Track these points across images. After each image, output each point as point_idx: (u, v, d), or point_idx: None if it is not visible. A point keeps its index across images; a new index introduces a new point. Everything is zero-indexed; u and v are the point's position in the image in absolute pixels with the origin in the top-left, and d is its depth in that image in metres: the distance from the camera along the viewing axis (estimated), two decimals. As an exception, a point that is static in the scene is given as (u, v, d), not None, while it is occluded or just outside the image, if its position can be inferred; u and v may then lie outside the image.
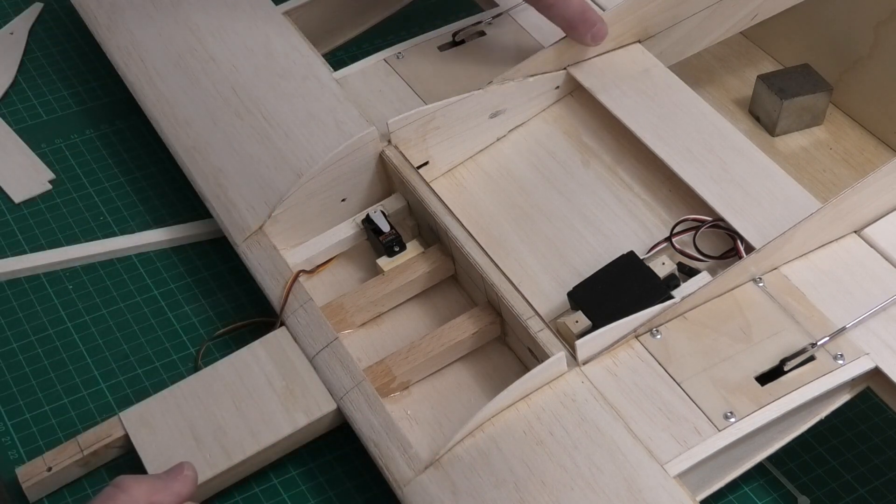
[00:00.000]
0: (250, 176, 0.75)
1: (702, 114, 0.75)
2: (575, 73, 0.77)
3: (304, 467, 0.69)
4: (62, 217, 0.83)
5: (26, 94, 0.93)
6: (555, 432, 0.61)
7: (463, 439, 0.62)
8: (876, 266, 0.67)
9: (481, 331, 0.69)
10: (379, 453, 0.63)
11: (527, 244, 0.70)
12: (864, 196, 0.67)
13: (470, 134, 0.75)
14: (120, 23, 0.87)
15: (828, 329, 0.64)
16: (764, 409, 0.61)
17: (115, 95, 0.93)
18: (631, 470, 0.59)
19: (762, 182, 0.70)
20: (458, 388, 0.69)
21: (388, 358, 0.68)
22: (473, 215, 0.72)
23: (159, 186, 0.86)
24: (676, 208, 0.71)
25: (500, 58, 0.81)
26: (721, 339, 0.64)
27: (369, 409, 0.65)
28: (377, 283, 0.72)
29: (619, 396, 0.62)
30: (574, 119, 0.77)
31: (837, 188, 0.79)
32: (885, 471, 0.70)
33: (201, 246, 0.82)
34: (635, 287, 0.65)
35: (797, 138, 0.85)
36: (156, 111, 0.82)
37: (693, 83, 0.80)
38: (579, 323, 0.64)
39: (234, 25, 0.83)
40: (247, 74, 0.80)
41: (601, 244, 0.70)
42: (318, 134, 0.75)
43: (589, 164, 0.75)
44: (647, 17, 0.78)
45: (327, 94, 0.78)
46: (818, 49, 0.86)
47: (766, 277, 0.67)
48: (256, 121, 0.78)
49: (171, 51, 0.84)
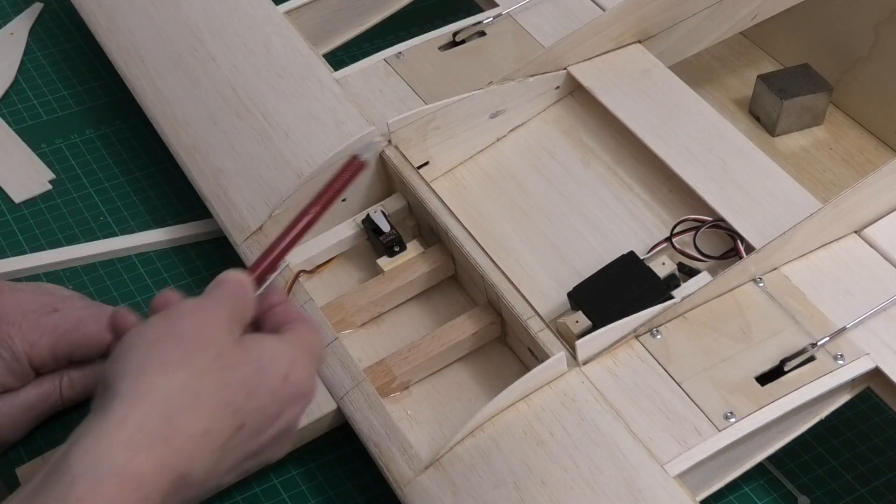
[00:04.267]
0: (250, 176, 0.75)
1: (702, 114, 0.75)
2: (575, 73, 0.77)
3: (304, 467, 0.69)
4: (62, 217, 0.83)
5: (26, 94, 0.93)
6: (555, 432, 0.61)
7: (463, 439, 0.62)
8: (876, 266, 0.67)
9: (481, 331, 0.69)
10: (379, 453, 0.63)
11: (527, 244, 0.70)
12: (864, 196, 0.67)
13: (470, 134, 0.75)
14: (120, 23, 0.87)
15: (828, 329, 0.64)
16: (764, 409, 0.61)
17: (115, 95, 0.93)
18: (631, 470, 0.59)
19: (762, 182, 0.70)
20: (458, 388, 0.69)
21: (388, 358, 0.68)
22: (473, 215, 0.72)
23: (159, 186, 0.86)
24: (676, 208, 0.71)
25: (500, 58, 0.81)
26: (721, 340, 0.64)
27: (369, 409, 0.65)
28: (377, 283, 0.72)
29: (619, 396, 0.62)
30: (574, 119, 0.77)
31: (837, 188, 0.79)
32: (885, 471, 0.70)
33: (201, 246, 0.82)
34: (635, 287, 0.65)
35: (797, 138, 0.85)
36: (156, 111, 0.82)
37: (693, 83, 0.80)
38: (579, 323, 0.64)
39: (234, 25, 0.83)
40: (247, 74, 0.80)
41: (601, 244, 0.70)
42: (318, 134, 0.75)
43: (589, 164, 0.75)
44: (647, 17, 0.78)
45: (327, 94, 0.78)
46: (818, 49, 0.86)
47: (767, 277, 0.67)
48: (256, 121, 0.78)
49: (171, 51, 0.84)
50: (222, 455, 0.53)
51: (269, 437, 0.56)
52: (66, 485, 0.47)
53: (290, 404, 0.56)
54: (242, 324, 0.57)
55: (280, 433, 0.56)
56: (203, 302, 0.56)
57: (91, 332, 0.60)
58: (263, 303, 0.59)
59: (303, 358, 0.57)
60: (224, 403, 0.53)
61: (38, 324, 0.59)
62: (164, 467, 0.49)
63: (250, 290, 0.58)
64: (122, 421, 0.49)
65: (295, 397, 0.56)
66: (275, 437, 0.56)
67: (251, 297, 0.58)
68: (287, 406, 0.56)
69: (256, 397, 0.54)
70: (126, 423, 0.49)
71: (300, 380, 0.56)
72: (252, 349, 0.55)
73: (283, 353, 0.56)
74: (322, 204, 0.62)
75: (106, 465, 0.48)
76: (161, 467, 0.49)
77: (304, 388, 0.57)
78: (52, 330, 0.59)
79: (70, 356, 0.60)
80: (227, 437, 0.53)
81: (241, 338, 0.56)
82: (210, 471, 0.53)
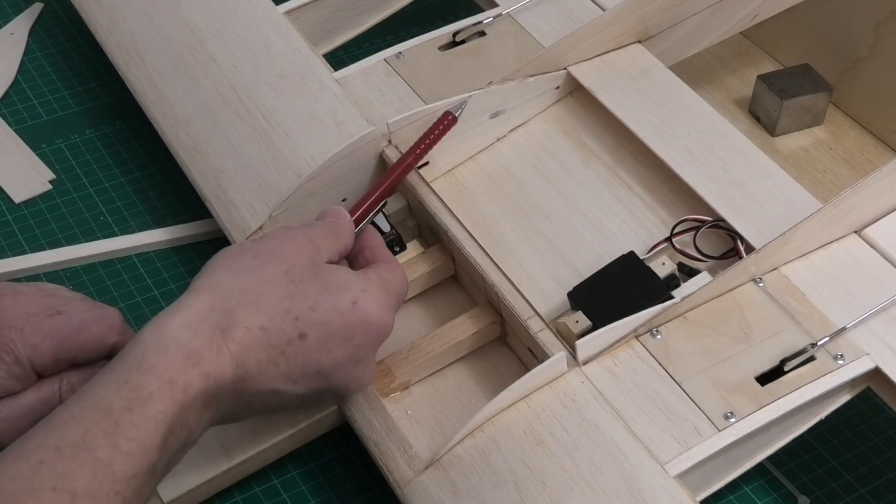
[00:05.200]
0: (250, 176, 0.75)
1: (702, 114, 0.75)
2: (575, 73, 0.77)
3: (304, 467, 0.69)
4: (62, 217, 0.83)
5: (26, 94, 0.93)
6: (555, 432, 0.61)
7: (463, 439, 0.62)
8: (876, 266, 0.67)
9: (481, 331, 0.69)
10: (379, 453, 0.63)
11: (527, 244, 0.70)
12: (864, 196, 0.67)
13: (470, 134, 0.75)
14: (120, 23, 0.87)
15: (828, 329, 0.64)
16: (764, 409, 0.61)
17: (115, 95, 0.93)
18: (631, 470, 0.59)
19: (762, 182, 0.70)
20: (458, 388, 0.69)
21: (388, 358, 0.68)
22: (473, 215, 0.72)
23: (159, 186, 0.86)
24: (676, 208, 0.71)
25: (500, 58, 0.81)
26: (721, 340, 0.64)
27: (369, 409, 0.65)
28: (377, 283, 0.72)
29: (620, 396, 0.62)
30: (574, 119, 0.77)
31: (837, 188, 0.79)
32: (885, 471, 0.70)
33: (201, 246, 0.82)
34: (635, 287, 0.65)
35: (797, 138, 0.85)
36: (156, 111, 0.82)
37: (693, 83, 0.80)
38: (579, 323, 0.64)
39: (235, 25, 0.83)
40: (247, 74, 0.80)
41: (601, 244, 0.70)
42: (318, 134, 0.75)
43: (589, 164, 0.75)
44: (647, 17, 0.78)
45: (327, 94, 0.78)
46: (818, 49, 0.86)
47: (767, 277, 0.67)
48: (256, 121, 0.78)
49: (171, 51, 0.84)
50: (282, 358, 0.58)
51: (338, 359, 0.60)
52: (138, 355, 0.54)
53: (360, 330, 0.60)
54: (332, 254, 0.63)
55: (351, 358, 0.60)
56: (293, 228, 0.63)
57: (94, 335, 0.60)
58: (360, 242, 0.66)
59: (376, 290, 0.61)
60: (285, 309, 0.58)
61: (40, 327, 0.60)
62: (220, 351, 0.55)
63: (348, 225, 0.65)
64: (188, 307, 0.56)
65: (365, 324, 0.60)
66: (346, 362, 0.60)
67: (347, 233, 0.65)
68: (356, 331, 0.60)
69: (320, 312, 0.59)
70: (191, 309, 0.56)
71: (370, 308, 0.60)
72: (324, 273, 0.60)
73: (355, 282, 0.61)
74: (416, 155, 0.71)
75: (171, 341, 0.54)
76: (218, 350, 0.55)
77: (375, 316, 0.61)
78: (55, 333, 0.60)
79: (73, 359, 0.61)
80: (287, 340, 0.58)
81: (319, 264, 0.61)
82: (266, 368, 0.57)
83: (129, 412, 0.52)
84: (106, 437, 0.51)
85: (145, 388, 0.53)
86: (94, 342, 0.61)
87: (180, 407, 0.53)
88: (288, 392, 0.59)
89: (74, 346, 0.60)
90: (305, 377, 0.59)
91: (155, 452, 0.52)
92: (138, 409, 0.52)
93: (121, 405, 0.52)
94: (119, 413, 0.52)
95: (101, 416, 0.52)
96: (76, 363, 0.61)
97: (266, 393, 0.58)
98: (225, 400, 0.57)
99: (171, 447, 0.54)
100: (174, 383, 0.53)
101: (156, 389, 0.53)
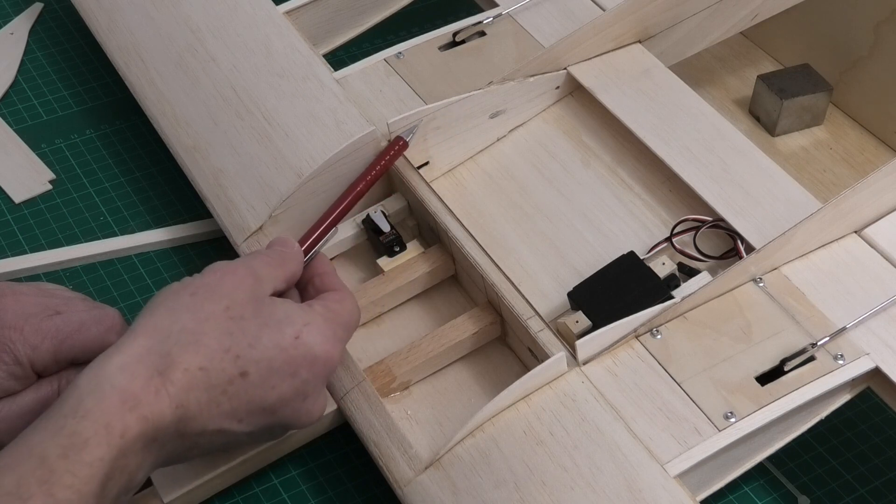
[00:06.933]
0: (250, 176, 0.75)
1: (702, 114, 0.75)
2: (575, 73, 0.77)
3: (304, 467, 0.69)
4: (62, 217, 0.83)
5: (26, 94, 0.93)
6: (555, 432, 0.61)
7: (463, 439, 0.62)
8: (876, 266, 0.67)
9: (481, 331, 0.69)
10: (379, 453, 0.63)
11: (527, 244, 0.70)
12: (864, 196, 0.67)
13: (470, 134, 0.75)
14: (120, 23, 0.87)
15: (828, 329, 0.64)
16: (764, 409, 0.61)
17: (115, 95, 0.93)
18: (631, 470, 0.59)
19: (762, 182, 0.70)
20: (458, 388, 0.69)
21: (388, 358, 0.68)
22: (473, 215, 0.72)
23: (159, 186, 0.86)
24: (676, 208, 0.71)
25: (500, 58, 0.81)
26: (721, 339, 0.64)
27: (369, 409, 0.65)
28: (377, 283, 0.72)
29: (620, 396, 0.62)
30: (574, 119, 0.77)
31: (837, 188, 0.79)
32: (885, 471, 0.70)
33: (201, 246, 0.82)
34: (635, 287, 0.65)
35: (797, 138, 0.85)
36: (156, 111, 0.82)
37: (693, 83, 0.80)
38: (579, 323, 0.64)
39: (235, 25, 0.83)
40: (247, 74, 0.80)
41: (601, 244, 0.70)
42: (318, 134, 0.75)
43: (589, 164, 0.75)
44: (648, 17, 0.78)
45: (327, 94, 0.78)
46: (818, 49, 0.86)
47: (767, 277, 0.67)
48: (256, 121, 0.78)
49: (171, 51, 0.84)
50: (224, 397, 0.56)
51: (284, 394, 0.58)
52: (74, 400, 0.53)
53: (305, 365, 0.58)
54: (278, 282, 0.61)
55: (298, 392, 0.59)
56: (234, 262, 0.61)
57: (94, 336, 0.60)
58: (310, 269, 0.65)
59: (320, 322, 0.60)
60: (224, 348, 0.56)
61: (40, 327, 0.60)
62: (158, 393, 0.54)
63: (296, 253, 0.64)
64: (125, 351, 0.55)
65: (309, 358, 0.59)
66: (293, 397, 0.59)
67: (294, 260, 0.63)
68: (300, 366, 0.58)
69: (261, 349, 0.57)
70: (129, 352, 0.55)
71: (314, 342, 0.59)
72: (266, 307, 0.59)
73: (299, 316, 0.59)
74: (367, 182, 0.70)
75: (107, 385, 0.53)
76: (156, 393, 0.54)
77: (320, 349, 0.59)
78: (55, 333, 0.60)
79: (73, 360, 0.60)
80: (228, 380, 0.56)
81: (261, 297, 0.59)
82: (208, 408, 0.56)
83: (65, 459, 0.51)
84: (40, 486, 0.50)
85: (81, 434, 0.52)
86: (94, 342, 0.60)
87: (118, 452, 0.52)
88: (234, 430, 0.58)
89: (74, 347, 0.60)
90: (251, 415, 0.58)
91: (93, 499, 0.51)
92: (74, 456, 0.51)
93: (56, 452, 0.51)
94: (54, 460, 0.51)
95: (35, 464, 0.50)
96: (76, 363, 0.61)
97: (212, 432, 0.57)
98: (168, 442, 0.55)
99: (110, 493, 0.52)
100: (111, 428, 0.52)
101: (92, 435, 0.52)
